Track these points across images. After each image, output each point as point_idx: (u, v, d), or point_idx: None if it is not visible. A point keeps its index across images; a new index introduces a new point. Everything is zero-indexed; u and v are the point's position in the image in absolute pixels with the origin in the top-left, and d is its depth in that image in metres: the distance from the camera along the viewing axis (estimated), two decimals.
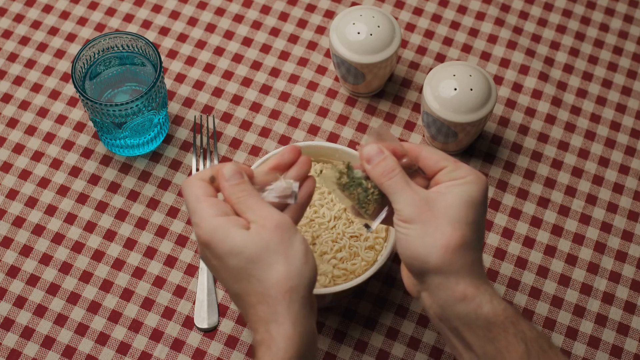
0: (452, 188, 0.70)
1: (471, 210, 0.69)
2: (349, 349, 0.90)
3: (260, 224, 0.67)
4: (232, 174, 0.70)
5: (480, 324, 0.68)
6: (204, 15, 1.08)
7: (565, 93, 1.04)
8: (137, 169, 0.98)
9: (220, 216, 0.68)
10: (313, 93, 1.03)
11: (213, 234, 0.67)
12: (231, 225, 0.67)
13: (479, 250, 0.70)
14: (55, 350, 0.89)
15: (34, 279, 0.92)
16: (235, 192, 0.70)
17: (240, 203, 0.69)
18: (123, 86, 0.95)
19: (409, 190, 0.70)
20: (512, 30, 1.07)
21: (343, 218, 0.87)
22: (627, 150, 1.01)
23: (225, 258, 0.67)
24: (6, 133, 1.00)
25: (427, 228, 0.68)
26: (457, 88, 0.91)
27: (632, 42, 1.07)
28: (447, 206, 0.69)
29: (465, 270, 0.68)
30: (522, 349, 0.68)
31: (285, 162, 0.73)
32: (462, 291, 0.68)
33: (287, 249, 0.67)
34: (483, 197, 0.71)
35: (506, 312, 0.68)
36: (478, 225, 0.70)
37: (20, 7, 1.08)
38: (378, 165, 0.71)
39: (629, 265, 0.94)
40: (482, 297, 0.68)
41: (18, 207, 0.96)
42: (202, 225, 0.68)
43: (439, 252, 0.68)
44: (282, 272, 0.66)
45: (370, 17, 0.96)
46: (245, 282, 0.67)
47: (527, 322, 0.70)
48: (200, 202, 0.69)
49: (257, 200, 0.69)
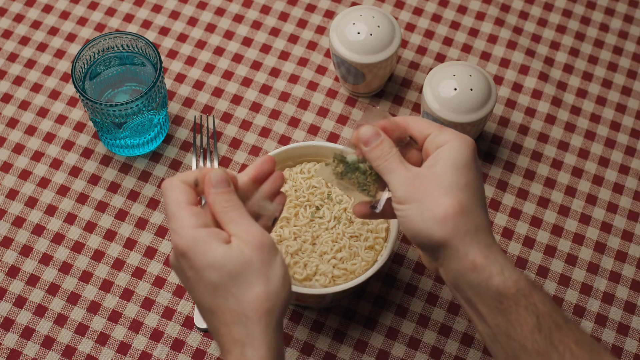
0: (439, 156, 0.70)
1: (461, 174, 0.69)
2: (349, 349, 0.90)
3: (243, 240, 0.66)
4: (219, 181, 0.68)
5: (491, 294, 0.68)
6: (204, 15, 1.08)
7: (565, 93, 1.04)
8: (137, 169, 0.98)
9: (201, 227, 0.66)
10: (313, 93, 1.03)
11: (193, 245, 0.66)
12: (213, 238, 0.66)
13: (481, 213, 0.70)
14: (55, 350, 0.89)
15: (34, 279, 0.92)
16: (221, 201, 0.68)
17: (224, 214, 0.67)
18: (123, 86, 0.95)
19: (403, 170, 0.71)
20: (512, 30, 1.07)
21: (343, 218, 0.87)
22: (627, 150, 1.01)
23: (204, 271, 0.66)
24: (6, 133, 1.00)
25: (423, 204, 0.69)
26: (457, 88, 0.91)
27: (632, 42, 1.07)
28: (437, 177, 0.69)
29: (471, 236, 0.68)
30: (533, 322, 0.67)
31: (263, 172, 0.72)
32: (472, 260, 0.68)
33: (268, 270, 0.66)
34: (471, 158, 0.70)
35: (518, 284, 0.67)
36: (473, 188, 0.70)
37: (20, 7, 1.08)
38: (376, 148, 0.72)
39: (629, 265, 0.94)
40: (493, 268, 0.68)
41: (18, 207, 0.96)
42: (182, 234, 0.66)
43: (439, 224, 0.68)
44: (261, 293, 0.65)
45: (370, 17, 0.96)
46: (222, 299, 0.66)
47: (541, 294, 0.68)
48: (182, 209, 0.67)
49: (241, 213, 0.68)
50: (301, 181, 0.89)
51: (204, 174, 0.69)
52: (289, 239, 0.86)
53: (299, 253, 0.86)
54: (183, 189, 0.68)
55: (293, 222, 0.87)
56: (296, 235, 0.87)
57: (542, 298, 0.68)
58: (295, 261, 0.86)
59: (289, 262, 0.85)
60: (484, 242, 0.69)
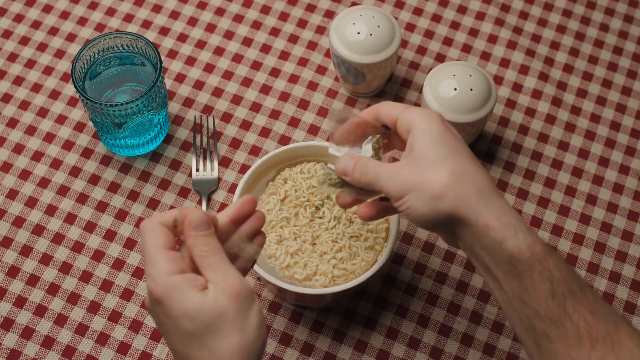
0: (413, 140, 0.71)
1: (440, 145, 0.70)
2: (349, 349, 0.90)
3: (220, 288, 0.65)
4: (199, 223, 0.67)
5: (505, 258, 0.67)
6: (204, 15, 1.08)
7: (565, 93, 1.04)
8: (137, 169, 0.98)
9: (177, 274, 0.65)
10: (313, 93, 1.03)
11: (168, 292, 0.65)
12: (188, 285, 0.65)
13: (478, 174, 0.70)
14: (55, 350, 0.89)
15: (34, 279, 0.92)
16: (200, 244, 0.66)
17: (203, 258, 0.66)
18: (123, 86, 0.95)
19: (387, 172, 0.71)
20: (512, 30, 1.07)
21: (343, 218, 0.87)
22: (627, 150, 1.01)
23: (179, 320, 0.65)
24: (6, 133, 1.00)
25: (419, 190, 0.69)
26: (457, 88, 0.91)
27: (632, 42, 1.07)
28: (419, 159, 0.70)
29: (476, 200, 0.68)
30: (547, 289, 0.66)
31: (244, 213, 0.71)
32: (484, 224, 0.68)
33: (244, 321, 0.65)
34: (442, 128, 0.71)
35: (532, 249, 0.67)
36: (458, 152, 0.70)
37: (20, 7, 1.08)
38: (354, 171, 0.74)
39: (629, 265, 0.94)
40: (506, 231, 0.67)
41: (18, 207, 0.96)
42: (157, 280, 0.65)
43: (441, 200, 0.68)
44: (235, 344, 0.64)
45: (370, 17, 0.96)
46: (196, 349, 0.65)
47: (557, 260, 0.67)
48: (159, 254, 0.65)
49: (219, 258, 0.66)
50: (301, 181, 0.89)
51: (184, 215, 0.68)
52: (289, 239, 0.86)
53: (299, 253, 0.86)
54: (161, 232, 0.67)
55: (293, 222, 0.87)
56: (296, 235, 0.87)
57: (558, 264, 0.67)
58: (295, 261, 0.86)
59: (289, 262, 0.85)
60: (493, 203, 0.68)
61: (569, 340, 0.65)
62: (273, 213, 0.87)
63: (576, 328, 0.65)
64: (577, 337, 0.65)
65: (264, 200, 0.89)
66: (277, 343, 0.90)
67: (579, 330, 0.65)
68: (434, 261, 0.94)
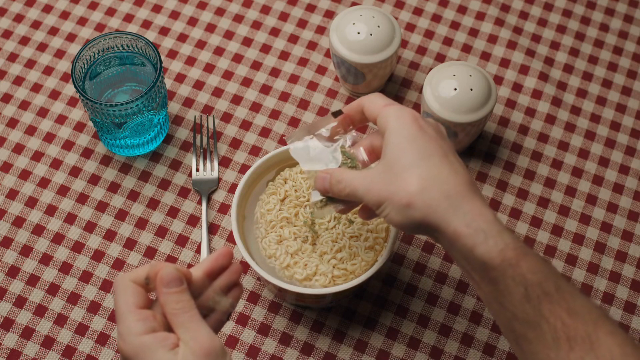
0: (385, 145, 0.71)
1: (411, 151, 0.70)
2: (349, 349, 0.90)
3: (190, 348, 0.64)
4: (171, 280, 0.66)
5: (478, 264, 0.67)
6: (204, 15, 1.08)
7: (565, 93, 1.04)
8: (137, 169, 0.98)
9: (147, 333, 0.64)
10: (313, 93, 1.03)
11: (139, 352, 0.64)
12: (159, 345, 0.64)
13: (450, 178, 0.69)
14: (55, 350, 0.89)
15: (34, 279, 0.92)
16: (171, 302, 0.65)
17: (175, 316, 0.65)
18: (123, 86, 0.95)
19: (362, 184, 0.72)
20: (512, 30, 1.07)
21: (343, 218, 0.87)
22: (627, 150, 1.01)
23: None
24: (6, 133, 1.00)
25: (392, 199, 0.69)
26: (457, 88, 0.91)
27: (632, 42, 1.07)
28: (390, 167, 0.70)
29: (445, 206, 0.68)
30: (521, 293, 0.66)
31: (219, 266, 0.70)
32: (453, 230, 0.68)
33: None
34: (415, 130, 0.71)
35: (504, 254, 0.67)
36: (430, 157, 0.70)
37: (20, 7, 1.08)
38: (332, 187, 0.74)
39: (629, 265, 0.94)
40: (476, 237, 0.67)
41: (18, 207, 0.96)
42: (128, 340, 0.64)
43: (411, 210, 0.68)
44: None
45: (370, 17, 0.96)
46: None
47: (531, 262, 0.67)
48: (130, 313, 0.65)
49: (191, 316, 0.65)
50: (301, 181, 0.89)
51: (156, 271, 0.67)
52: (289, 239, 0.86)
53: (299, 253, 0.86)
54: (133, 290, 0.66)
55: (293, 222, 0.87)
56: (296, 235, 0.87)
57: (532, 266, 0.67)
58: (295, 261, 0.86)
59: (289, 262, 0.85)
60: (463, 208, 0.68)
61: (547, 342, 0.65)
62: (273, 213, 0.87)
63: (553, 330, 0.65)
64: (555, 339, 0.65)
65: (264, 200, 0.89)
66: (277, 343, 0.90)
67: (556, 332, 0.65)
68: (434, 261, 0.94)
